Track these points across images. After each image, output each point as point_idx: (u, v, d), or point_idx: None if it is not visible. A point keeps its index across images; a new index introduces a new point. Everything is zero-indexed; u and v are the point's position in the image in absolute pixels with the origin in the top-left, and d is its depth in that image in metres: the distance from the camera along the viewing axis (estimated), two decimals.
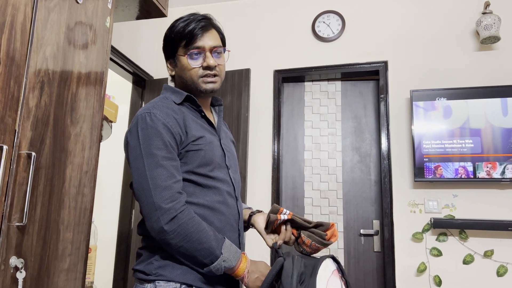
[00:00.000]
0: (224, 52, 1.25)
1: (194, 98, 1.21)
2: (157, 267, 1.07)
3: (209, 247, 1.04)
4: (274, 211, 1.20)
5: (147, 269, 1.09)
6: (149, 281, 1.07)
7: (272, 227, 1.20)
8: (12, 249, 1.09)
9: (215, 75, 1.21)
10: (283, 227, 1.20)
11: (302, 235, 1.17)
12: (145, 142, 1.07)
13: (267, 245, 1.21)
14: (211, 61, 1.19)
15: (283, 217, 1.17)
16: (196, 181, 1.12)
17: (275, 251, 1.17)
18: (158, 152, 1.05)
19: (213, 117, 1.33)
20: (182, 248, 1.03)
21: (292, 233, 1.21)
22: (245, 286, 1.11)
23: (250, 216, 1.29)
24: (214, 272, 1.05)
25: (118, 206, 3.06)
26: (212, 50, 1.20)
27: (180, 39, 1.20)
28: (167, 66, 1.27)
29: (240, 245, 1.20)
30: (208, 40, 1.20)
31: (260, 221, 1.26)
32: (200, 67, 1.19)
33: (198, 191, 1.13)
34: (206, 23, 1.22)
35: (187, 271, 1.07)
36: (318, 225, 1.17)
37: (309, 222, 1.18)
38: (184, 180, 1.11)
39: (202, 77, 1.19)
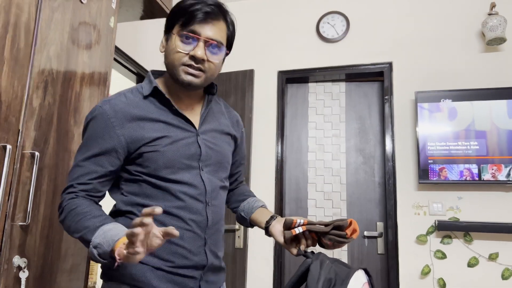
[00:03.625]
0: (222, 52, 1.09)
1: (162, 92, 1.09)
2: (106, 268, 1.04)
3: (80, 234, 0.94)
4: (288, 226, 1.16)
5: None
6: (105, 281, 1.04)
7: (290, 238, 1.17)
8: (15, 248, 1.09)
9: (200, 69, 1.05)
10: (302, 237, 1.13)
11: (323, 239, 1.13)
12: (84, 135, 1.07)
13: (292, 254, 1.12)
14: (199, 52, 1.03)
15: (297, 230, 1.14)
16: (155, 184, 1.05)
17: (303, 254, 1.13)
18: (81, 153, 1.04)
19: (200, 109, 1.18)
20: (68, 231, 0.99)
21: (313, 237, 1.14)
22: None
23: (267, 227, 1.19)
24: (97, 261, 0.93)
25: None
26: (208, 42, 1.04)
27: (180, 16, 1.05)
28: (161, 42, 1.12)
29: (207, 255, 1.08)
30: (208, 30, 1.04)
31: (277, 233, 1.16)
32: (186, 54, 1.04)
33: (157, 194, 1.05)
34: (214, 10, 1.05)
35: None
36: (336, 226, 1.10)
37: (327, 225, 1.10)
38: (144, 182, 1.05)
39: (184, 65, 1.04)
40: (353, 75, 2.98)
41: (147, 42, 3.15)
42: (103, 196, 1.08)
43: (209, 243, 1.10)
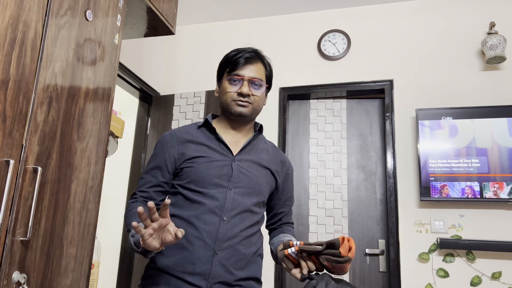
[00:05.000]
0: (263, 87, 1.35)
1: (210, 123, 1.35)
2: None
3: (127, 227, 1.24)
4: (285, 247, 1.16)
5: None
6: None
7: (292, 262, 1.16)
8: (15, 264, 1.09)
9: (247, 102, 1.31)
10: (302, 261, 1.15)
11: (321, 260, 1.12)
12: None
13: (298, 279, 1.14)
14: (245, 89, 1.29)
15: (290, 251, 1.14)
16: (186, 195, 1.26)
17: (308, 277, 1.12)
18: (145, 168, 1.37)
19: (243, 140, 1.37)
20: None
21: (314, 260, 1.13)
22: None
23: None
24: (134, 250, 1.18)
25: (122, 222, 3.05)
26: (250, 80, 1.31)
27: (227, 65, 1.34)
28: (216, 89, 1.41)
29: (212, 265, 1.18)
30: (249, 71, 1.32)
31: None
32: (235, 92, 1.31)
33: (185, 204, 1.25)
34: (252, 55, 1.34)
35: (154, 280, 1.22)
36: (330, 245, 1.09)
37: (321, 244, 1.10)
38: (179, 193, 1.28)
39: (234, 100, 1.31)
40: (354, 92, 3.00)
41: (150, 58, 3.18)
42: (159, 205, 1.30)
43: (220, 256, 1.19)
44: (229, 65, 1.33)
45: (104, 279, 2.84)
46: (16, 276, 1.09)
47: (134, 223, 0.96)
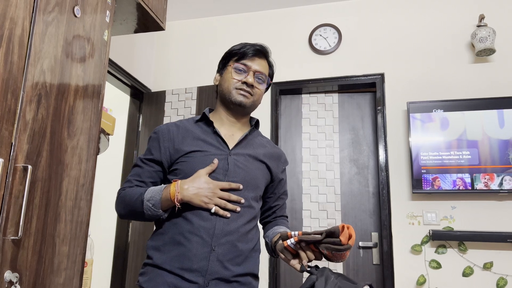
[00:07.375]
0: (266, 82, 1.38)
1: (207, 116, 1.35)
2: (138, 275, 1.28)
3: (135, 199, 1.23)
4: (283, 239, 1.16)
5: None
6: None
7: (291, 253, 1.15)
8: (7, 263, 1.08)
9: (249, 93, 1.32)
10: (301, 251, 1.14)
11: (320, 249, 1.10)
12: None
13: (298, 271, 1.14)
14: (250, 79, 1.32)
15: (290, 242, 1.13)
16: None
17: (307, 270, 1.11)
18: (141, 156, 1.36)
19: (239, 134, 1.36)
20: (122, 210, 1.30)
21: (313, 249, 1.13)
22: (182, 199, 1.19)
23: (274, 248, 1.26)
24: (152, 214, 1.22)
25: (115, 220, 3.04)
26: (256, 73, 1.34)
27: (234, 55, 1.36)
28: (215, 77, 1.42)
29: (209, 261, 1.16)
30: (256, 64, 1.35)
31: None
32: (239, 81, 1.32)
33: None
34: (261, 50, 1.38)
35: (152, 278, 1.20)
36: (329, 234, 1.07)
37: (321, 233, 1.09)
38: None
39: (237, 88, 1.32)
40: (346, 86, 3.01)
41: (141, 55, 3.16)
42: None
43: (218, 252, 1.18)
44: (237, 54, 1.35)
45: (98, 277, 2.83)
46: (8, 275, 1.08)
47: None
